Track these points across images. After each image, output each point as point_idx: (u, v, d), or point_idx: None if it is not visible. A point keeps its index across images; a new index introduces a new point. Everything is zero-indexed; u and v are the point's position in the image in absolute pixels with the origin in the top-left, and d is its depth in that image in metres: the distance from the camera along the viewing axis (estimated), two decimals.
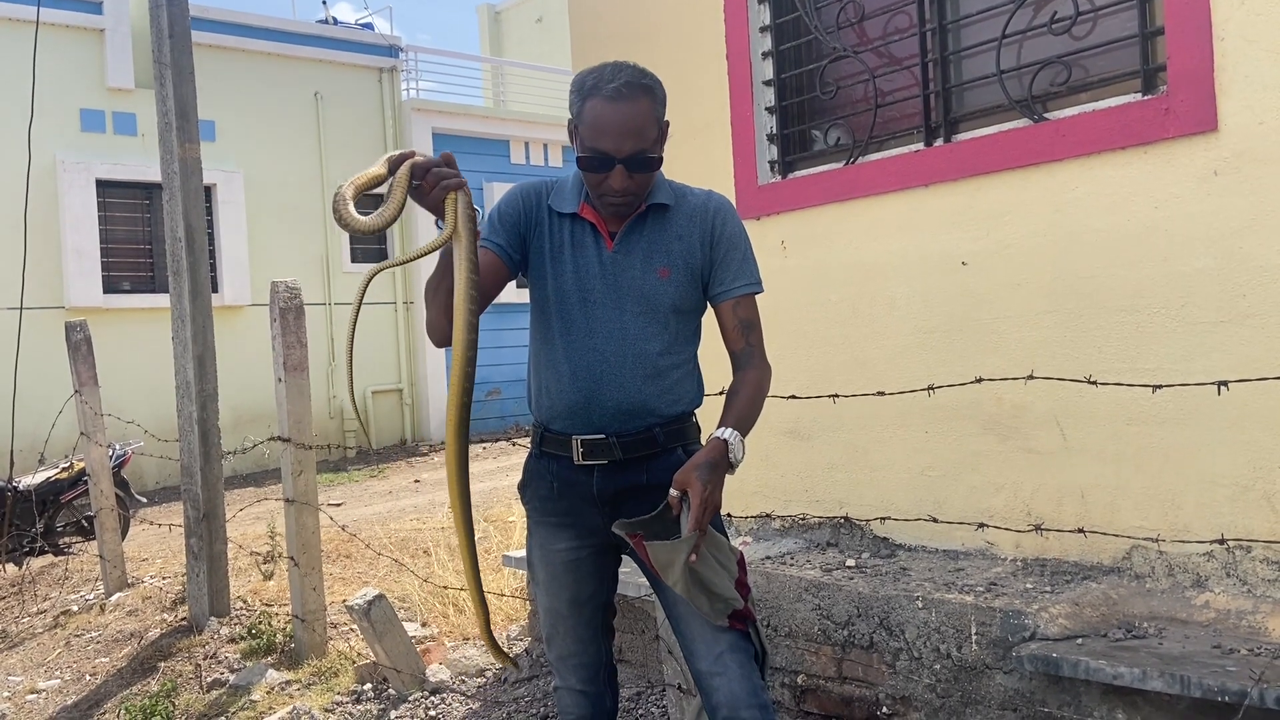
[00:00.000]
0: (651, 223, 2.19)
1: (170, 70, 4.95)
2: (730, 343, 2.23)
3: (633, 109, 2.04)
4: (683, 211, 2.21)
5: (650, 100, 2.07)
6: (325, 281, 12.77)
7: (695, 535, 1.97)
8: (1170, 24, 2.78)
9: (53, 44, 10.13)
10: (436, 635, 4.65)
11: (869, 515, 3.49)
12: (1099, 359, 2.94)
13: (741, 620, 2.11)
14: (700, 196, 2.25)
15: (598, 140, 2.05)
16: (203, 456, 5.02)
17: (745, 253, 2.23)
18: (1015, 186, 3.14)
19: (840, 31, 3.68)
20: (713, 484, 2.00)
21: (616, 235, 2.18)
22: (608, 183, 2.08)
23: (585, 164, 2.08)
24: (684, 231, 2.20)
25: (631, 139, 2.04)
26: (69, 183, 10.93)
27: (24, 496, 6.88)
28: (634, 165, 2.06)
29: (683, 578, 2.01)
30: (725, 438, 2.05)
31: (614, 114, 2.03)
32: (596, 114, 2.04)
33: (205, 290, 5.05)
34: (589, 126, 2.05)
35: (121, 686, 4.57)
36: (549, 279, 2.19)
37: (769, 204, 3.83)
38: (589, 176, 2.10)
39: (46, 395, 8.62)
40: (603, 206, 2.15)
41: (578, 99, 2.08)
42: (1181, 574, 2.82)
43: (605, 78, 2.05)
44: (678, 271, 2.18)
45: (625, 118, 2.03)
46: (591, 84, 2.06)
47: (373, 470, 11.26)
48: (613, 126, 2.03)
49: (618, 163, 2.05)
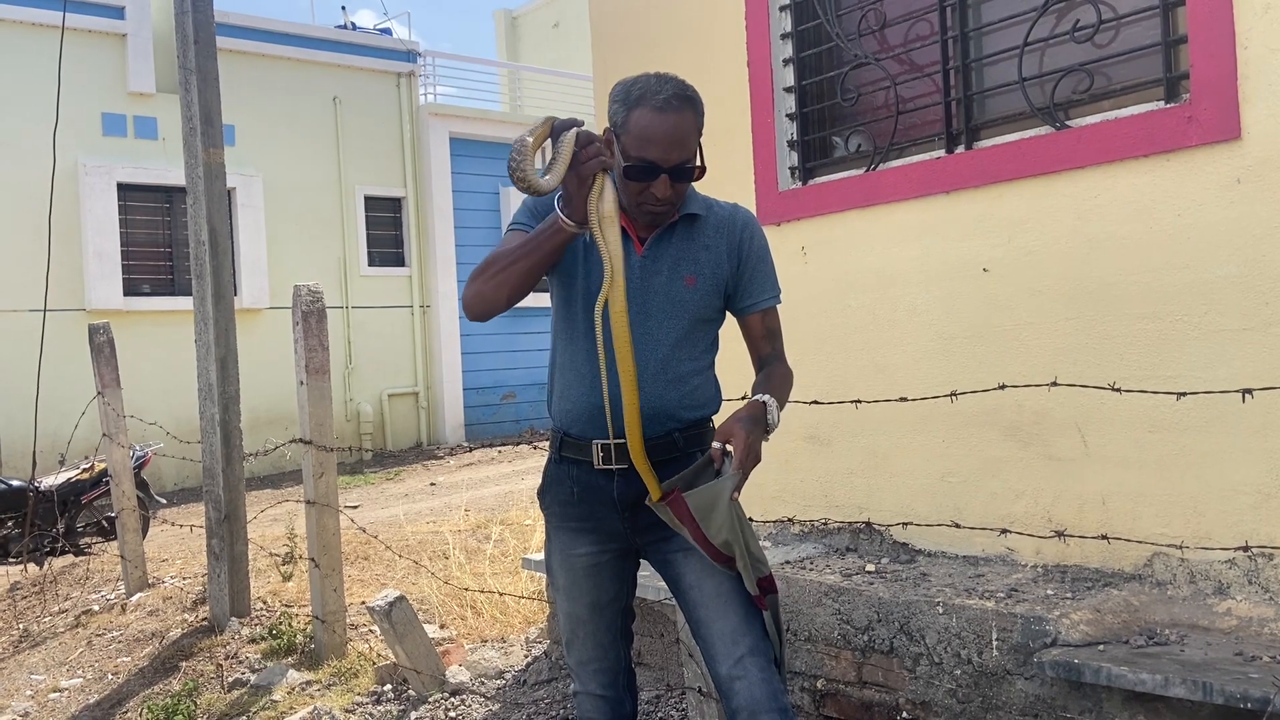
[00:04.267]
0: (681, 232, 2.22)
1: (195, 76, 5.00)
2: (756, 348, 2.32)
3: (680, 120, 2.08)
4: (710, 223, 2.25)
5: (693, 112, 2.11)
6: (343, 285, 12.84)
7: (739, 475, 2.02)
8: (1193, 32, 2.79)
9: (75, 49, 10.22)
10: (455, 637, 4.67)
11: (889, 521, 3.50)
12: (1121, 365, 2.94)
13: (765, 594, 2.13)
14: (727, 209, 2.29)
15: (645, 149, 2.08)
16: (224, 458, 5.06)
17: (770, 265, 2.31)
18: (1037, 193, 3.14)
19: (861, 38, 3.70)
20: (755, 435, 2.06)
21: (646, 241, 2.21)
22: (650, 191, 2.11)
23: (632, 173, 2.10)
24: (711, 242, 2.23)
25: (677, 149, 2.08)
26: (91, 186, 11.03)
27: (46, 497, 6.95)
28: (678, 175, 2.11)
29: (726, 523, 2.03)
30: (764, 399, 2.12)
31: (662, 124, 2.06)
32: (645, 123, 2.07)
33: (228, 293, 5.10)
34: (636, 136, 2.08)
35: (143, 686, 4.61)
36: (579, 277, 2.21)
37: (789, 210, 3.85)
38: (630, 184, 2.12)
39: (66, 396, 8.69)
40: (640, 214, 2.18)
41: (622, 108, 2.11)
42: (1203, 581, 2.82)
43: (653, 88, 2.08)
44: (704, 280, 2.21)
45: (673, 128, 2.07)
46: (638, 94, 2.09)
47: (389, 473, 11.31)
48: (661, 136, 2.07)
49: (663, 172, 2.09)
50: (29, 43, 10.66)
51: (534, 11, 18.95)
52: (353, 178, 12.99)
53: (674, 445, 2.20)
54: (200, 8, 5.01)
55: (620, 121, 2.11)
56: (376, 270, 13.29)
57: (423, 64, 13.90)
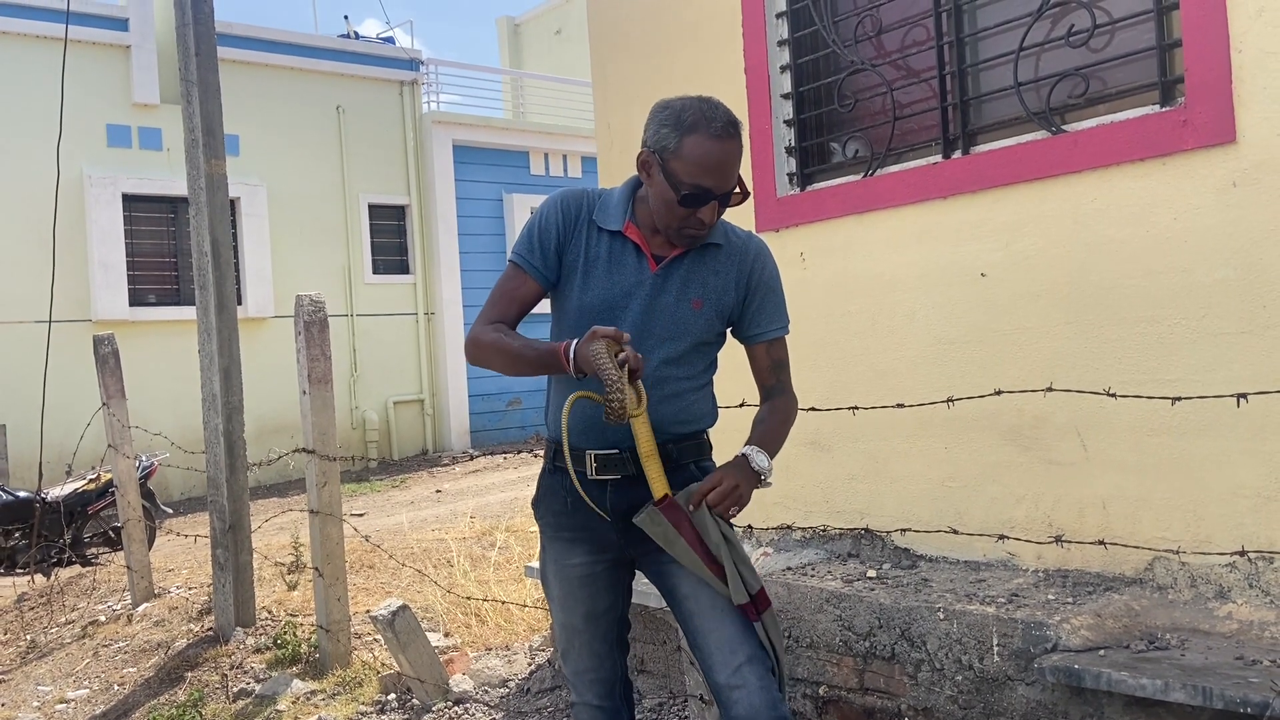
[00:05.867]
0: (694, 255, 2.23)
1: (197, 87, 5.03)
2: (761, 378, 2.33)
3: (734, 147, 2.10)
4: (724, 250, 2.26)
5: (740, 139, 2.12)
6: (347, 293, 12.88)
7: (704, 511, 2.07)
8: (1188, 36, 2.79)
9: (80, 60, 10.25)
10: (459, 645, 4.68)
11: (890, 526, 3.50)
12: (1119, 370, 2.94)
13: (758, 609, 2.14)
14: (742, 237, 2.30)
15: (701, 176, 2.08)
16: (228, 468, 5.08)
17: (780, 296, 2.32)
18: (1034, 198, 3.14)
19: (858, 45, 3.70)
20: (738, 480, 2.09)
21: (662, 260, 2.21)
22: (697, 216, 2.12)
23: (688, 200, 2.10)
24: (722, 269, 2.24)
25: (732, 177, 2.11)
26: (95, 197, 11.08)
27: (52, 508, 6.97)
28: (725, 200, 2.13)
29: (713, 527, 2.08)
30: (745, 451, 2.14)
31: (720, 152, 2.07)
32: (703, 151, 2.07)
33: (231, 303, 5.12)
34: (693, 162, 2.07)
35: (149, 696, 4.62)
36: (575, 293, 2.22)
37: (787, 216, 3.85)
38: (676, 209, 2.12)
39: (72, 407, 8.74)
40: (679, 238, 2.18)
41: (674, 133, 2.09)
42: (1204, 585, 2.82)
43: (707, 115, 2.08)
44: (709, 306, 2.23)
45: (729, 155, 2.09)
46: (691, 120, 2.08)
47: (394, 480, 11.33)
48: (719, 163, 2.08)
49: (716, 198, 2.10)
50: (33, 54, 10.72)
51: (536, 19, 19.00)
52: (356, 186, 13.03)
53: (668, 456, 2.20)
54: (201, 20, 5.04)
55: (672, 146, 2.09)
56: (381, 278, 13.33)
57: (426, 72, 13.95)
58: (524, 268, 2.23)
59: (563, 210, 2.24)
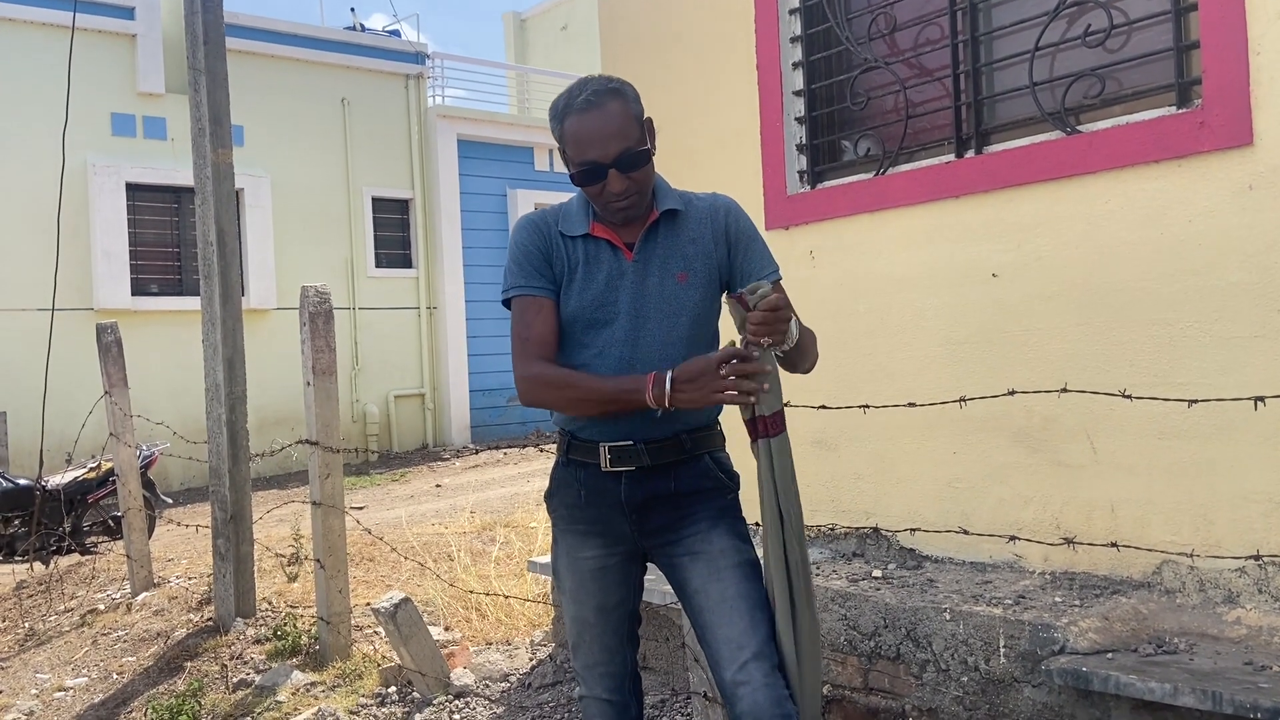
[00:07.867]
0: (664, 230, 2.22)
1: (204, 76, 5.01)
2: None
3: (604, 114, 2.11)
4: (692, 216, 2.25)
5: (621, 100, 2.14)
6: (350, 286, 12.86)
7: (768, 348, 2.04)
8: (1205, 38, 2.77)
9: (85, 49, 10.25)
10: (460, 639, 4.67)
11: (896, 526, 3.48)
12: (1131, 372, 2.93)
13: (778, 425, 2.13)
14: (706, 199, 2.29)
15: (584, 152, 2.12)
16: (231, 458, 5.06)
17: (763, 242, 2.30)
18: (1047, 199, 3.13)
19: (871, 42, 3.69)
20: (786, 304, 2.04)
21: (634, 246, 2.20)
22: (608, 189, 2.13)
23: (580, 178, 2.15)
24: (697, 234, 2.23)
25: (615, 141, 2.11)
26: (99, 186, 11.06)
27: (52, 496, 6.96)
28: (625, 165, 2.12)
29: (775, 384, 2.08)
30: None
31: (590, 122, 2.11)
32: (575, 129, 2.12)
33: (235, 294, 5.10)
34: (572, 143, 2.13)
35: (148, 685, 4.61)
36: (565, 304, 2.21)
37: (798, 214, 3.84)
38: (589, 190, 2.16)
39: (74, 395, 8.71)
40: (612, 215, 2.19)
41: (556, 123, 2.17)
42: (1213, 589, 2.80)
43: (574, 94, 2.14)
44: (695, 275, 2.21)
45: (601, 123, 2.11)
46: (563, 104, 2.15)
47: (395, 474, 11.31)
48: (593, 134, 2.11)
49: (609, 167, 2.11)
50: (39, 43, 10.70)
51: (543, 14, 18.99)
52: (360, 179, 13.01)
53: (681, 447, 2.19)
54: (210, 8, 5.02)
55: (559, 136, 2.17)
56: (383, 272, 13.31)
57: (431, 66, 13.92)
58: (531, 292, 2.21)
59: (532, 231, 2.25)
